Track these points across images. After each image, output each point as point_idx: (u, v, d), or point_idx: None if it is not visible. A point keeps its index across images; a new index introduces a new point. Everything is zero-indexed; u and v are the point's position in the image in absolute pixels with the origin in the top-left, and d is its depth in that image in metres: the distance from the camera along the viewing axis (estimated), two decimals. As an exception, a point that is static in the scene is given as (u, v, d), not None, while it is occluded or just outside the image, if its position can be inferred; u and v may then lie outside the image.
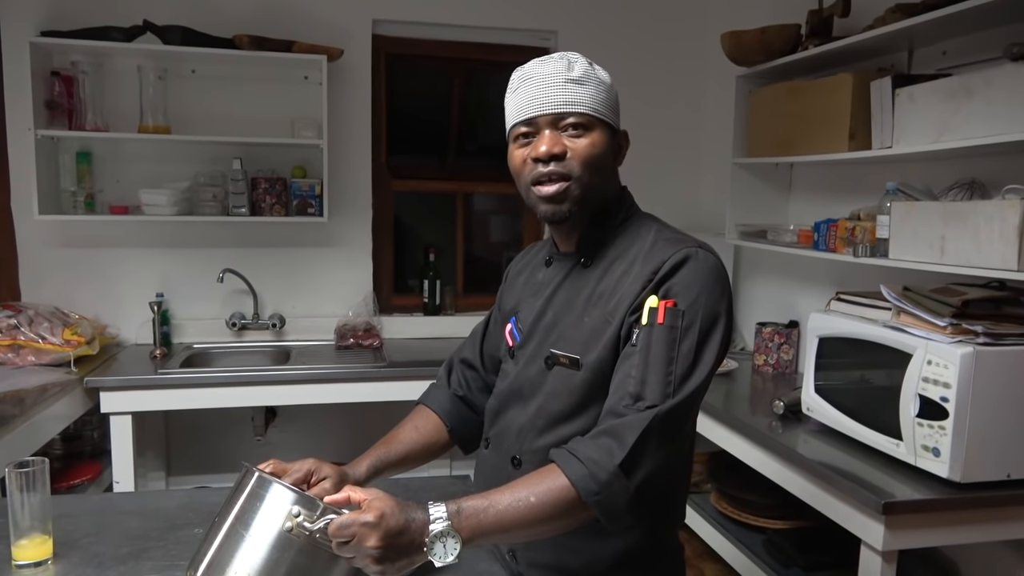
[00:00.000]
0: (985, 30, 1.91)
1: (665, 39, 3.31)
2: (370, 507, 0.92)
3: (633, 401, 1.02)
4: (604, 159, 1.12)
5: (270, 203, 2.94)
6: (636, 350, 1.05)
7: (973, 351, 1.55)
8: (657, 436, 1.00)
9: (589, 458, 0.99)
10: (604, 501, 0.98)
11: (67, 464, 2.64)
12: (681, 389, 1.02)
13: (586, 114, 1.10)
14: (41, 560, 1.18)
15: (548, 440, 1.14)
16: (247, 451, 3.09)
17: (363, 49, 3.08)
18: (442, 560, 0.92)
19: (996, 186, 1.86)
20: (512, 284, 1.34)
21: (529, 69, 1.13)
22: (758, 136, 2.64)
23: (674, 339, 1.04)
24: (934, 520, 1.61)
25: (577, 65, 1.11)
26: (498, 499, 0.98)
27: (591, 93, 1.11)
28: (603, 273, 1.15)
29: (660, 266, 1.08)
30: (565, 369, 1.13)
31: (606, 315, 1.11)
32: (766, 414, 2.16)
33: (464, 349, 1.41)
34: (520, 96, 1.13)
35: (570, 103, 1.09)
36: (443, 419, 1.33)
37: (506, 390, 1.23)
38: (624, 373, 1.05)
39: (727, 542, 2.24)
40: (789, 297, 2.81)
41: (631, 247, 1.15)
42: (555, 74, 1.10)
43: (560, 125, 1.10)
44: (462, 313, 3.32)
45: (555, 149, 1.09)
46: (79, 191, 2.80)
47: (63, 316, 2.72)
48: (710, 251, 1.11)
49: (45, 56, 2.72)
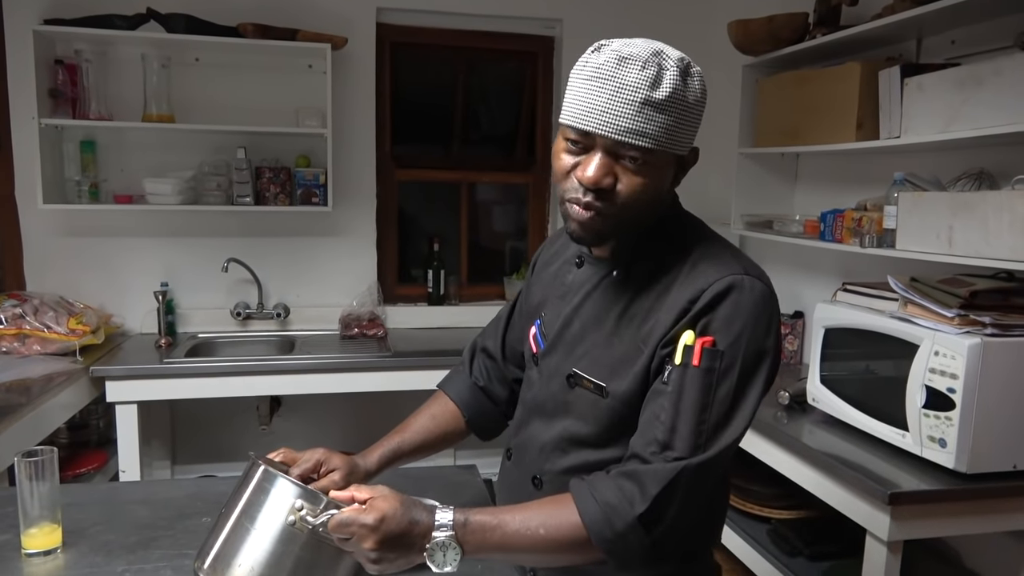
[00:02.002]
0: (995, 19, 1.90)
1: (671, 28, 3.28)
2: (373, 507, 0.89)
3: (660, 449, 0.92)
4: (656, 196, 0.97)
5: (274, 192, 2.93)
6: (667, 391, 0.94)
7: (981, 342, 1.55)
8: (684, 490, 0.91)
9: (607, 502, 0.92)
10: (617, 550, 0.92)
11: (73, 453, 2.65)
12: (715, 442, 0.92)
13: (653, 151, 0.92)
14: (51, 549, 1.18)
15: (571, 462, 1.07)
16: (252, 440, 3.10)
17: (367, 38, 3.06)
18: (440, 568, 0.91)
19: (1005, 176, 1.85)
20: (539, 276, 1.24)
21: (607, 65, 0.91)
22: (765, 126, 2.62)
23: (710, 384, 0.92)
24: (940, 511, 1.61)
25: (666, 81, 0.90)
26: (507, 520, 0.93)
27: (669, 124, 0.91)
28: (637, 290, 1.02)
29: (699, 295, 0.94)
30: (589, 393, 1.03)
31: (638, 341, 0.99)
32: (771, 404, 2.16)
33: (486, 336, 1.35)
34: (585, 93, 0.93)
35: (639, 134, 0.90)
36: (461, 408, 1.30)
37: (530, 402, 1.16)
38: (652, 414, 0.95)
39: (733, 532, 2.24)
40: (795, 287, 2.80)
41: (672, 262, 1.01)
42: (635, 87, 0.90)
43: (619, 152, 0.93)
44: (466, 303, 3.30)
45: (604, 183, 0.93)
46: (83, 180, 2.80)
47: (68, 305, 2.72)
48: (759, 277, 0.97)
49: (48, 44, 2.71)
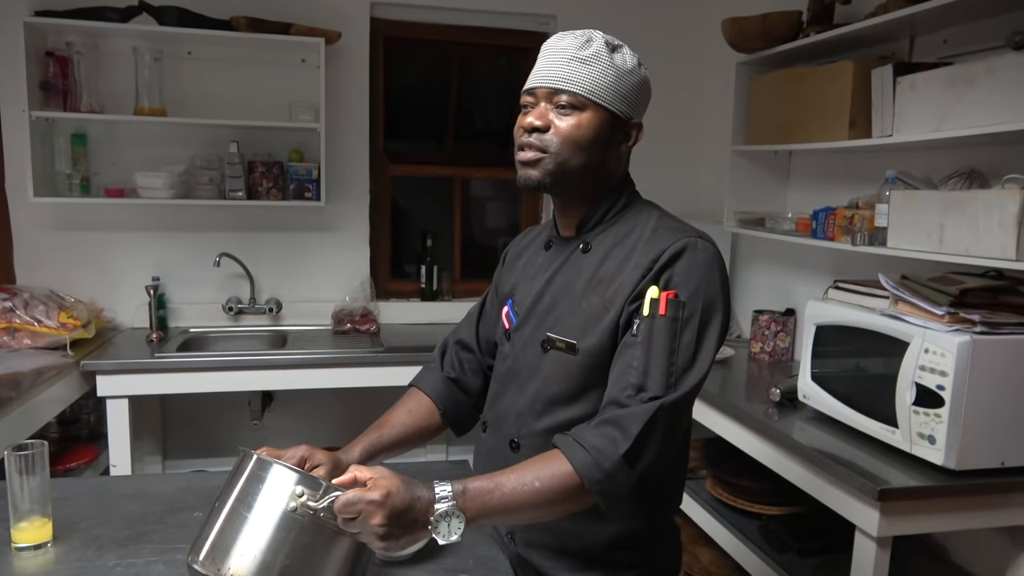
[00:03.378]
0: (987, 18, 1.91)
1: (665, 25, 3.29)
2: (376, 485, 0.92)
3: (635, 392, 1.03)
4: (589, 141, 1.11)
5: (267, 187, 2.92)
6: (637, 341, 1.06)
7: (970, 340, 1.55)
8: (661, 427, 1.02)
9: (594, 447, 1.00)
10: (607, 490, 1.00)
11: (63, 447, 2.64)
12: (683, 381, 1.04)
13: (578, 95, 1.09)
14: (41, 543, 1.18)
15: (546, 423, 1.15)
16: (244, 435, 3.09)
17: (361, 32, 3.05)
18: (446, 539, 0.93)
19: (996, 175, 1.86)
20: (510, 267, 1.34)
21: (551, 40, 1.15)
22: (758, 123, 2.63)
23: (675, 331, 1.05)
24: (929, 507, 1.62)
25: (594, 44, 1.11)
26: (503, 482, 0.98)
27: (592, 75, 1.10)
28: (602, 259, 1.15)
29: (660, 255, 1.08)
30: (562, 353, 1.13)
31: (604, 302, 1.11)
32: (762, 401, 2.17)
33: (460, 330, 1.41)
34: (536, 66, 1.15)
35: (567, 80, 1.10)
36: (436, 402, 1.32)
37: (504, 373, 1.24)
38: (625, 363, 1.06)
39: (723, 528, 2.25)
40: (786, 285, 2.81)
41: (631, 234, 1.15)
42: (566, 49, 1.11)
43: (554, 100, 1.11)
44: (459, 299, 3.32)
45: (537, 122, 1.11)
46: (74, 174, 2.78)
47: (59, 299, 2.71)
48: (709, 241, 1.12)
49: (40, 36, 2.69)
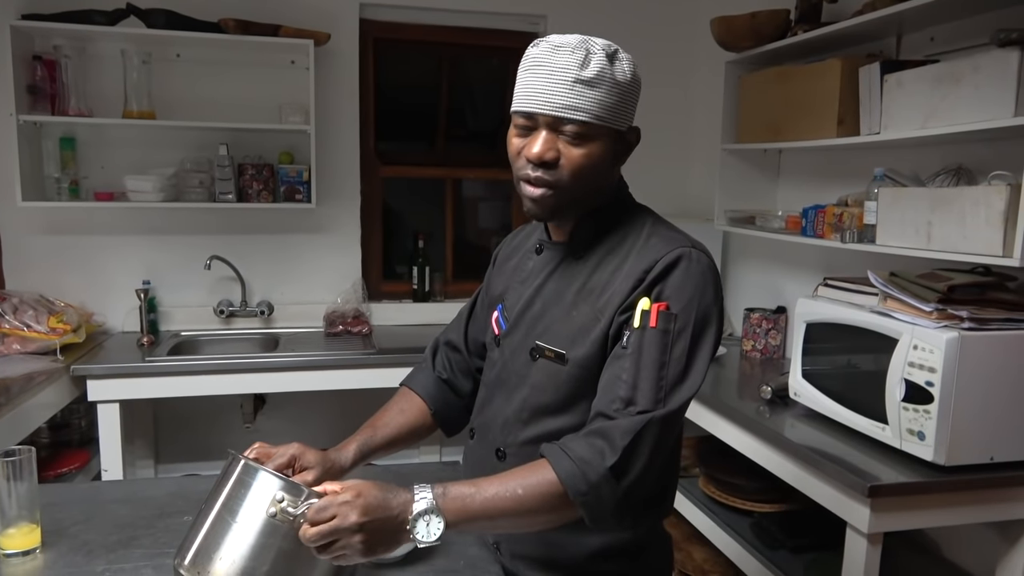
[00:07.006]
0: (973, 16, 1.92)
1: (655, 24, 3.30)
2: (346, 488, 0.92)
3: (624, 405, 1.00)
4: (599, 168, 1.07)
5: (257, 189, 2.91)
6: (627, 353, 1.02)
7: (958, 336, 1.56)
8: (649, 442, 0.99)
9: (580, 457, 0.98)
10: (591, 502, 0.98)
11: (54, 453, 2.63)
12: (673, 396, 1.01)
13: (588, 123, 1.03)
14: (29, 549, 1.18)
15: (532, 433, 1.13)
16: (236, 439, 3.08)
17: (350, 33, 3.05)
18: (425, 539, 0.92)
19: (983, 172, 1.87)
20: (500, 269, 1.31)
21: (542, 54, 1.04)
22: (747, 122, 2.64)
23: (667, 344, 1.02)
24: (919, 503, 1.63)
25: (593, 61, 1.02)
26: (486, 487, 0.97)
27: (599, 98, 1.02)
28: (595, 267, 1.12)
29: (652, 265, 1.05)
30: (550, 363, 1.11)
31: (595, 311, 1.08)
32: (754, 399, 2.18)
33: (450, 331, 1.39)
34: (527, 82, 1.05)
35: (574, 108, 1.02)
36: (427, 402, 1.32)
37: (492, 380, 1.22)
38: (614, 375, 1.03)
39: (715, 526, 2.26)
40: (777, 283, 2.82)
41: (624, 241, 1.12)
42: (566, 69, 1.01)
43: (559, 128, 1.03)
44: (451, 299, 3.31)
45: (547, 156, 1.04)
46: (63, 177, 2.76)
47: (48, 304, 2.69)
48: (703, 251, 1.08)
49: (27, 40, 2.67)
